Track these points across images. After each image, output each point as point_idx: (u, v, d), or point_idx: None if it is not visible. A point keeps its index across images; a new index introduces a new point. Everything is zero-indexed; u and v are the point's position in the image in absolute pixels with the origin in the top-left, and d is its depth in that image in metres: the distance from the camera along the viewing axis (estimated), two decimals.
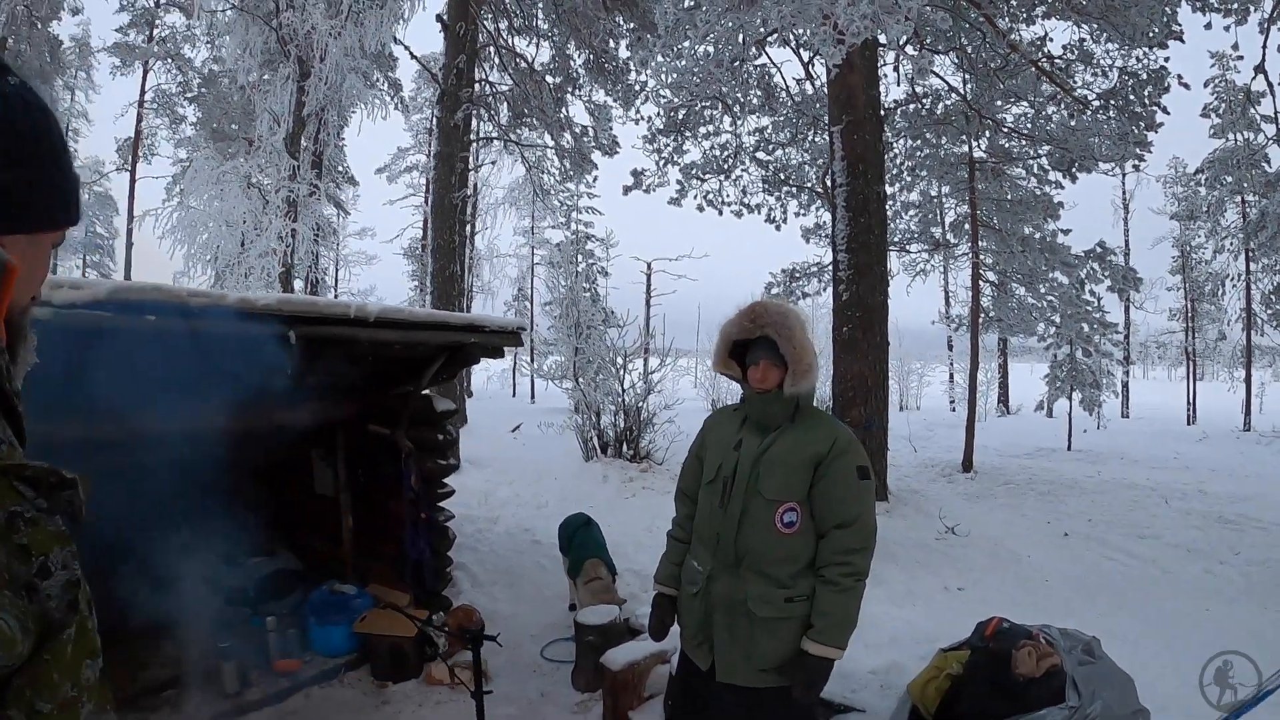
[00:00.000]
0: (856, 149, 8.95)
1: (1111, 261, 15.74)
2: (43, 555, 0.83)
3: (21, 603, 0.80)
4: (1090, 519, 9.40)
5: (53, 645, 0.84)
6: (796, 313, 2.93)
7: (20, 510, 0.81)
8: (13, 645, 0.75)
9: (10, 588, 0.78)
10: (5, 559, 0.79)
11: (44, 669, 0.82)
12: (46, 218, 1.00)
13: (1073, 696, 2.92)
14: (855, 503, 2.81)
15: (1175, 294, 28.90)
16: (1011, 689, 3.05)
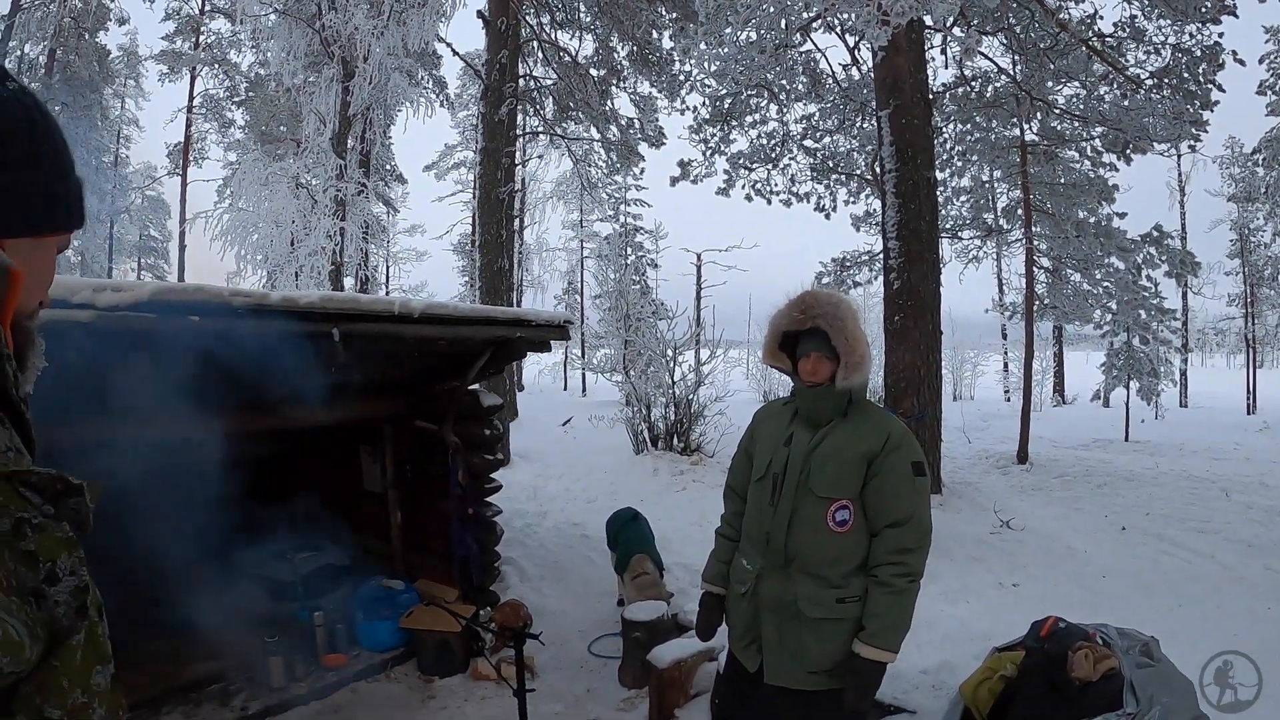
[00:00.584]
0: (905, 134, 8.77)
1: (1169, 245, 15.24)
2: (50, 561, 0.83)
3: (29, 609, 0.79)
4: (1148, 513, 9.15)
5: (61, 652, 0.84)
6: (848, 303, 2.86)
7: (27, 517, 0.81)
8: (20, 651, 0.75)
9: (17, 594, 0.78)
10: (12, 565, 0.79)
11: (53, 675, 0.82)
12: (47, 221, 1.01)
13: (1130, 702, 2.82)
14: (909, 500, 2.73)
15: (1234, 279, 27.99)
16: (1067, 692, 2.96)
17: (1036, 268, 15.45)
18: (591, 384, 29.96)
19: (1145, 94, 11.90)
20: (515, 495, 6.62)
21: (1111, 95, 12.60)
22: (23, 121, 0.97)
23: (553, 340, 5.65)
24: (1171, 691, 2.94)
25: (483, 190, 14.15)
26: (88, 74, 24.07)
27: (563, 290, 33.41)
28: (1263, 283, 26.79)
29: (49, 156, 1.00)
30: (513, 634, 3.23)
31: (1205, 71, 11.46)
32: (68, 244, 1.12)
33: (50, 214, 1.01)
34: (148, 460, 4.51)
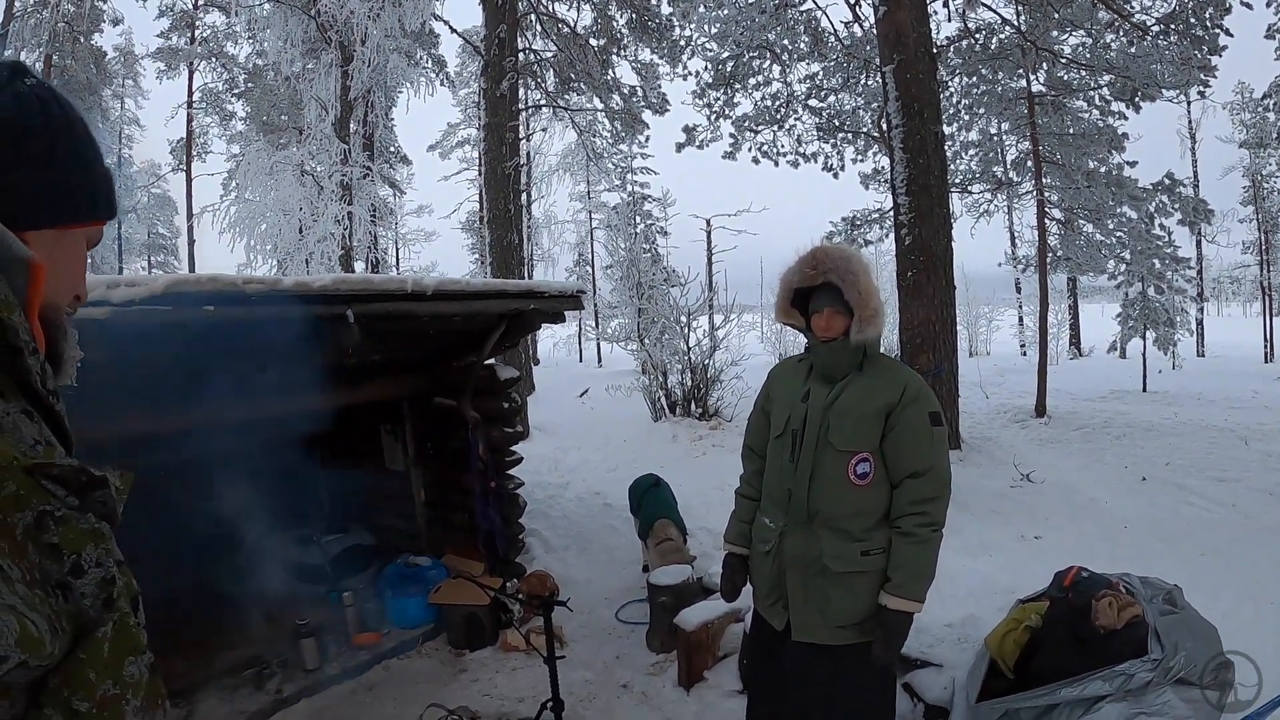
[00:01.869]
0: (910, 88, 8.66)
1: (1181, 193, 15.04)
2: (75, 554, 0.83)
3: (53, 602, 0.79)
4: (1168, 463, 9.06)
5: (88, 644, 0.83)
6: (859, 256, 2.85)
7: (50, 509, 0.81)
8: (40, 646, 0.74)
9: (41, 587, 0.78)
10: (36, 558, 0.78)
11: (79, 668, 0.81)
12: (69, 212, 1.02)
13: (1155, 648, 2.83)
14: (928, 451, 2.75)
15: (1248, 226, 27.54)
16: (1092, 641, 2.98)
17: (1048, 219, 15.30)
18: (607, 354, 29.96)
19: (1152, 40, 11.69)
20: (536, 467, 6.66)
21: (1118, 43, 12.38)
22: (39, 115, 0.98)
23: (566, 310, 5.65)
24: (1195, 637, 2.95)
25: (488, 166, 14.12)
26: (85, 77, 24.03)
27: (573, 262, 33.33)
28: (1277, 229, 26.43)
29: (68, 148, 1.01)
30: (541, 602, 3.26)
31: (1212, 16, 11.23)
32: (99, 236, 1.12)
33: (72, 205, 1.02)
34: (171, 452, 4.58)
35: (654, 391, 12.60)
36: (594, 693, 4.30)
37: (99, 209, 1.07)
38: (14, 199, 0.96)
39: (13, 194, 0.96)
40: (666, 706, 4.15)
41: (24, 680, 0.76)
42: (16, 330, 0.87)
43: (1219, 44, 11.47)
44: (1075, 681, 2.81)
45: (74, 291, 1.07)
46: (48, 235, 1.00)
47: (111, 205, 1.09)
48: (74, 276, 1.06)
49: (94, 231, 1.10)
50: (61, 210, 1.01)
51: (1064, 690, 2.82)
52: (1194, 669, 2.82)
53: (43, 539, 0.80)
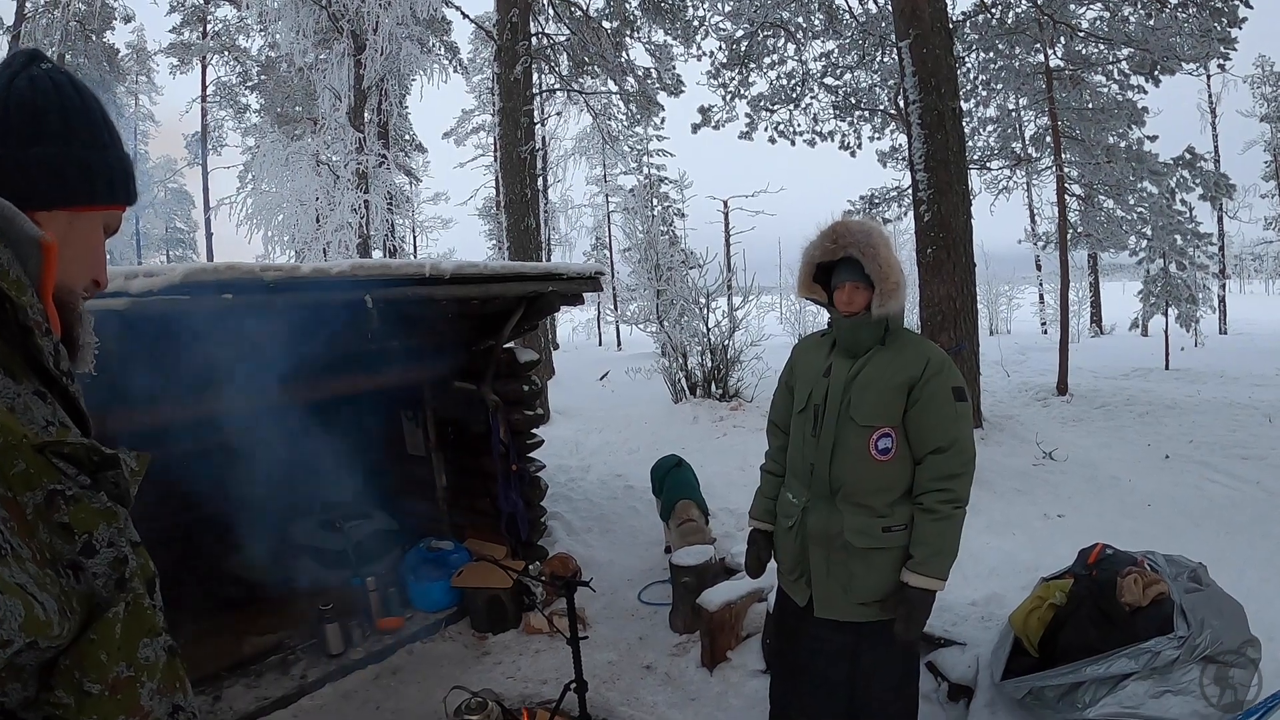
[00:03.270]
0: (926, 63, 8.57)
1: (1202, 168, 14.87)
2: (87, 533, 0.82)
3: (64, 582, 0.79)
4: (1191, 440, 9.05)
5: (99, 625, 0.82)
6: (880, 229, 2.83)
7: (61, 488, 0.80)
8: (47, 628, 0.73)
9: (52, 566, 0.77)
10: (47, 538, 0.78)
11: (91, 649, 0.81)
12: (82, 194, 1.01)
13: (1181, 626, 2.80)
14: (952, 426, 2.73)
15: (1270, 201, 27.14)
16: (1117, 618, 2.95)
17: (1068, 195, 15.16)
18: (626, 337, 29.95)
19: (1171, 12, 11.54)
20: (557, 450, 6.67)
21: (1136, 15, 12.24)
22: (53, 97, 0.99)
23: (584, 291, 5.63)
24: (1221, 615, 2.92)
25: (504, 151, 14.11)
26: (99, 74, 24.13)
27: (591, 246, 33.32)
28: None
29: (83, 130, 1.01)
30: (564, 583, 3.27)
31: None
32: (118, 222, 1.11)
33: (86, 186, 1.01)
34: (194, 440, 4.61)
35: (674, 373, 12.60)
36: (617, 674, 4.32)
37: (115, 193, 1.06)
38: (26, 178, 0.96)
39: (25, 173, 0.96)
40: (690, 687, 4.16)
41: (35, 661, 0.76)
42: (27, 310, 0.87)
43: (1238, 15, 11.35)
44: (1101, 659, 2.80)
45: (90, 275, 1.06)
46: (60, 216, 0.99)
47: (129, 191, 1.09)
48: (89, 260, 1.05)
49: (111, 216, 1.09)
50: (74, 191, 1.01)
51: (1089, 668, 2.80)
52: (1220, 646, 2.79)
53: (54, 518, 0.79)
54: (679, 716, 3.87)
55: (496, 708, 3.48)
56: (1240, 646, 2.85)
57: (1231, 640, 2.83)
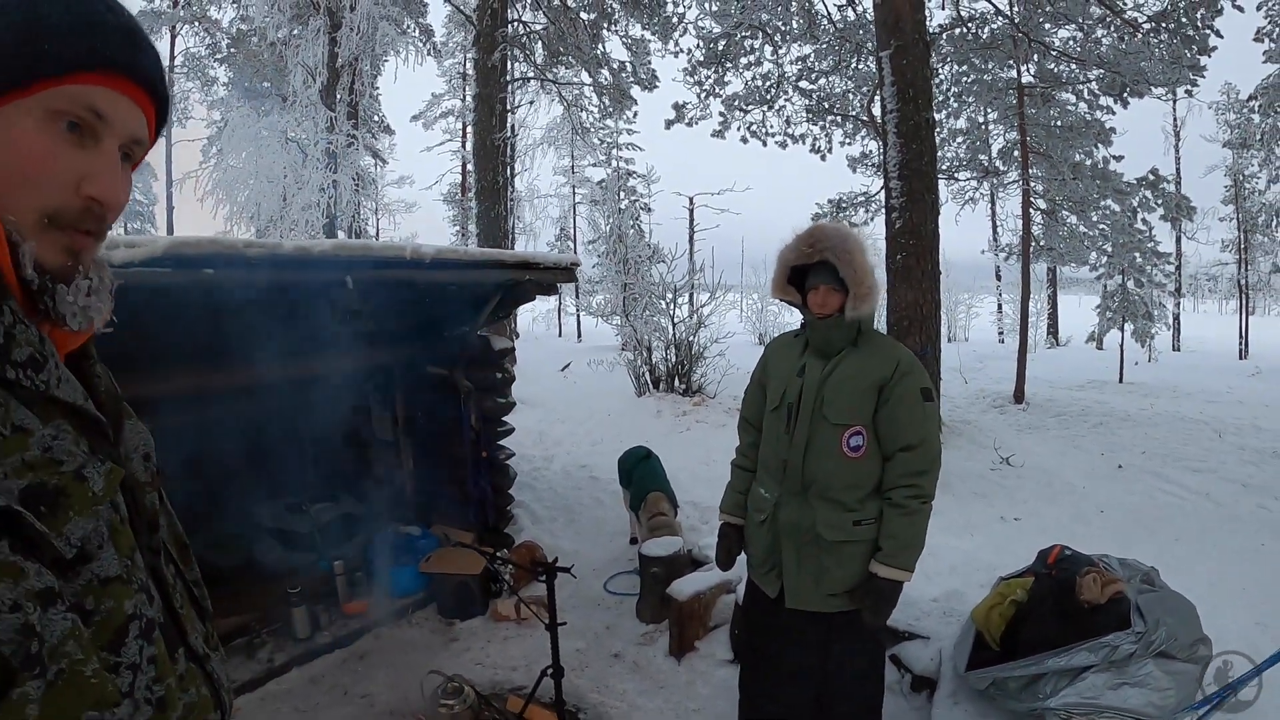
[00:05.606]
0: (906, 74, 8.69)
1: (1164, 190, 15.25)
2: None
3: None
4: (1144, 451, 9.26)
5: (4, 707, 0.65)
6: (856, 235, 2.89)
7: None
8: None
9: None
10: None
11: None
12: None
13: (1138, 623, 2.91)
14: (920, 425, 2.82)
15: (1228, 224, 27.79)
16: (1076, 615, 3.05)
17: (1033, 209, 15.45)
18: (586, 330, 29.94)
19: (1143, 37, 11.80)
20: (521, 440, 6.67)
21: (1109, 38, 12.51)
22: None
23: (559, 282, 5.66)
24: (1175, 614, 3.04)
25: (477, 137, 14.08)
26: None
27: (555, 236, 33.18)
28: (1256, 229, 26.63)
29: None
30: (544, 568, 3.30)
31: (1204, 16, 11.36)
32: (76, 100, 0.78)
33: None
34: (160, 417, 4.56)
35: (638, 367, 12.67)
36: (586, 662, 4.36)
37: (44, 60, 0.76)
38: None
39: None
40: (658, 675, 4.22)
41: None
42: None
43: (1209, 44, 11.61)
44: (1061, 652, 2.90)
45: (34, 194, 0.77)
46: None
47: (59, 54, 0.76)
48: (23, 169, 0.76)
49: (47, 98, 0.76)
50: None
51: (1051, 660, 2.90)
52: (1174, 643, 2.90)
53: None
54: (649, 704, 3.92)
55: (472, 693, 3.50)
56: (1193, 644, 2.97)
57: (1185, 637, 2.95)
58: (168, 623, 0.87)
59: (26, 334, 0.74)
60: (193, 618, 0.94)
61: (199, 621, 0.96)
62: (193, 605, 0.96)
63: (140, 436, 0.93)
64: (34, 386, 0.74)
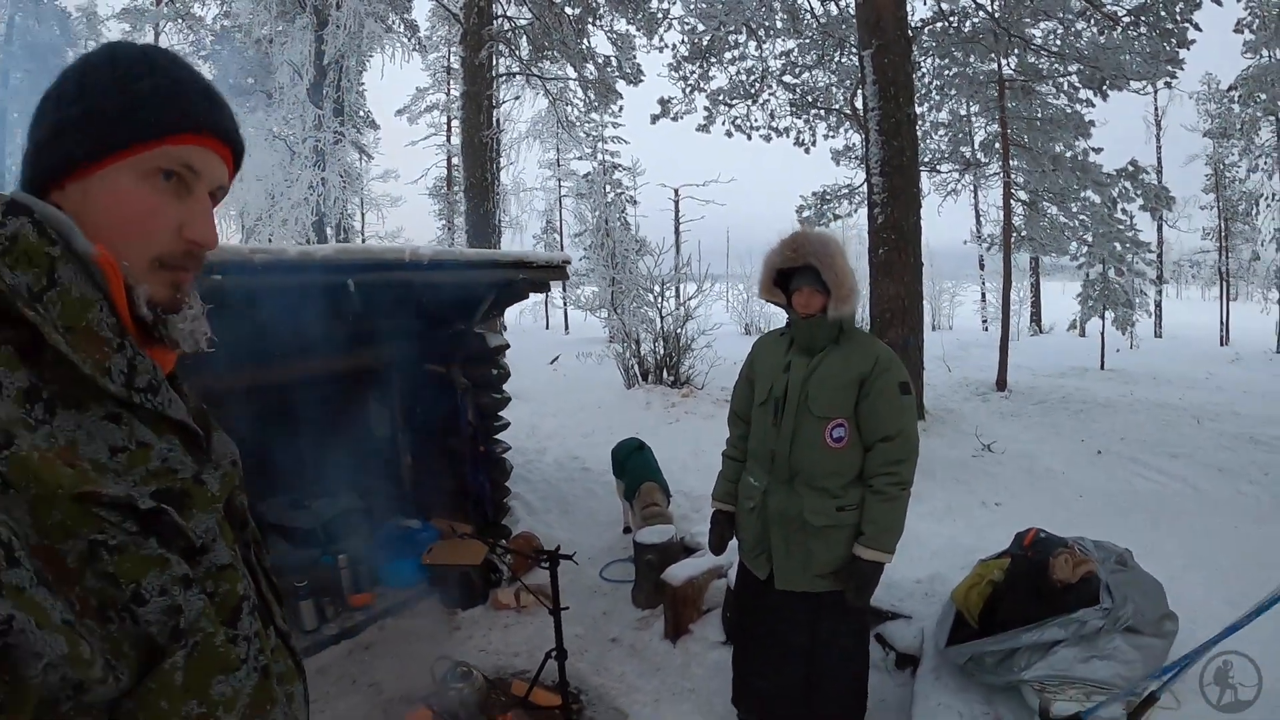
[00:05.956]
0: (887, 72, 8.86)
1: (1144, 180, 15.45)
2: (134, 582, 0.78)
3: (112, 628, 0.76)
4: (1123, 438, 9.43)
5: (156, 674, 0.79)
6: (836, 240, 3.09)
7: (103, 538, 0.76)
8: (87, 669, 0.71)
9: (97, 615, 0.75)
10: (95, 584, 0.75)
11: (149, 697, 0.79)
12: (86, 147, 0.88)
13: (1106, 600, 3.10)
14: (898, 417, 3.02)
15: (1209, 213, 27.99)
16: (1049, 594, 3.23)
17: (1014, 201, 15.65)
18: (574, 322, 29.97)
19: (1123, 31, 11.96)
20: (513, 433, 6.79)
21: (1089, 32, 12.66)
22: (77, 65, 0.93)
23: (552, 280, 5.79)
24: (1143, 592, 3.23)
25: (466, 135, 14.15)
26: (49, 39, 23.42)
27: (541, 229, 33.15)
28: (1236, 217, 26.90)
29: (102, 77, 0.91)
30: (548, 556, 3.48)
31: (1182, 10, 11.48)
32: (175, 159, 0.92)
33: (89, 136, 0.88)
34: None
35: (627, 359, 12.77)
36: (585, 646, 4.53)
37: (140, 127, 0.89)
38: (29, 163, 0.91)
39: (29, 161, 0.91)
40: (655, 658, 4.39)
41: (100, 700, 0.75)
42: (63, 342, 0.81)
43: (1188, 38, 11.72)
44: (1034, 628, 3.08)
45: (155, 246, 0.91)
46: (71, 190, 0.89)
47: (175, 117, 0.91)
48: (140, 224, 0.90)
49: (148, 158, 0.90)
50: (68, 153, 0.88)
51: (1025, 636, 3.09)
52: (1141, 619, 3.10)
53: (99, 567, 0.76)
54: (646, 684, 4.10)
55: (480, 677, 3.68)
56: (1159, 620, 3.16)
57: (1152, 614, 3.14)
58: (259, 604, 1.01)
59: (144, 363, 0.88)
60: (273, 600, 1.10)
61: (276, 604, 1.11)
62: (271, 590, 1.11)
63: (226, 446, 1.06)
64: (152, 408, 0.88)
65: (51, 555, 0.72)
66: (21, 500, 0.70)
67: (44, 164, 0.89)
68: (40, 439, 0.75)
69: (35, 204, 0.85)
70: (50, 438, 0.76)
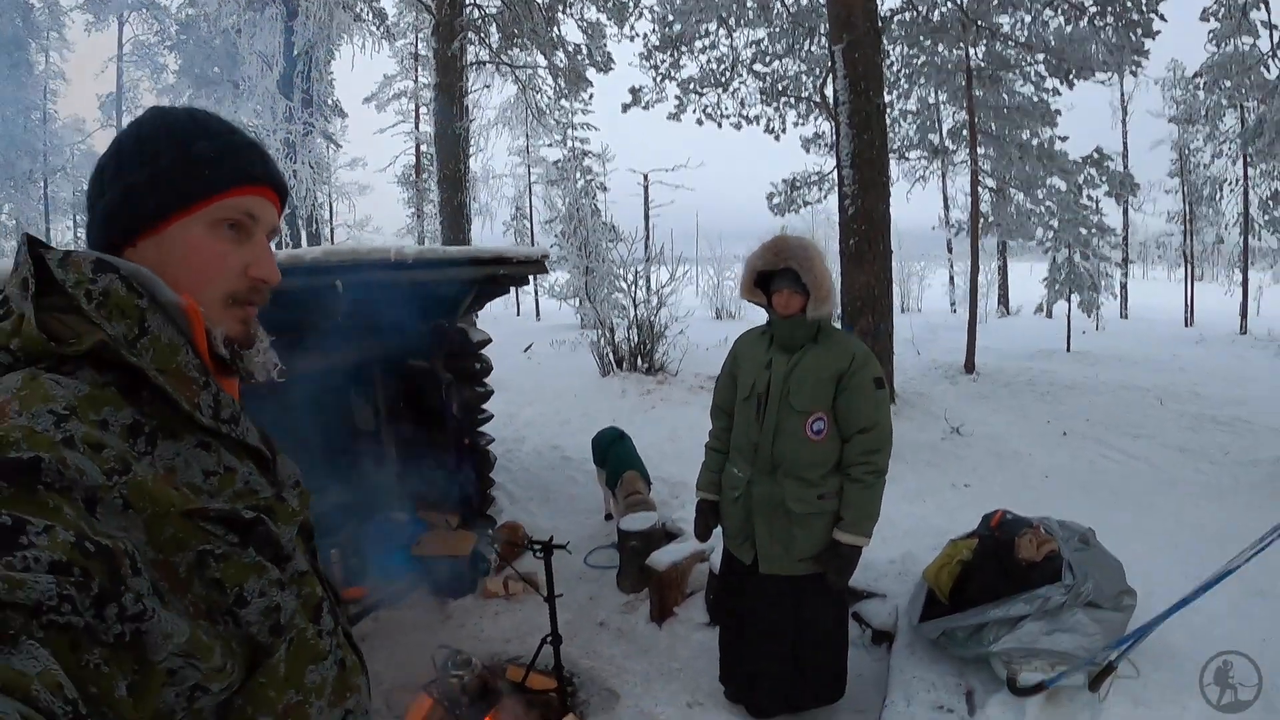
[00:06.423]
0: (858, 67, 8.97)
1: (1109, 167, 15.76)
2: (238, 586, 0.88)
3: (220, 628, 0.86)
4: (1088, 419, 9.64)
5: (263, 670, 0.91)
6: (815, 245, 3.29)
7: (210, 548, 0.86)
8: (223, 677, 0.83)
9: (207, 617, 0.85)
10: (203, 591, 0.85)
11: (259, 689, 0.90)
12: (147, 212, 0.99)
13: (1068, 576, 3.30)
14: (874, 410, 3.24)
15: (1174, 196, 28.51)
16: (1015, 572, 3.44)
17: (981, 188, 15.88)
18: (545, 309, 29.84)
19: (1089, 21, 12.15)
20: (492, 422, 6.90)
21: (1056, 22, 12.86)
22: (131, 131, 1.03)
23: (531, 274, 5.92)
24: (1103, 569, 3.44)
25: (438, 126, 14.11)
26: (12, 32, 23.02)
27: (511, 216, 33.01)
28: (1201, 201, 27.39)
29: (131, 154, 1.00)
30: (543, 546, 3.64)
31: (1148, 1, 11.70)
32: (235, 210, 1.03)
33: (154, 199, 0.98)
34: None
35: (602, 347, 12.80)
36: (574, 631, 4.66)
37: (197, 188, 1.00)
38: (103, 224, 1.00)
39: (100, 223, 1.00)
40: (642, 640, 4.56)
41: (211, 704, 0.84)
42: (167, 385, 0.90)
43: (1153, 28, 11.92)
44: (1001, 604, 3.29)
45: (223, 285, 1.02)
46: (144, 246, 0.99)
47: (228, 174, 1.02)
48: (211, 268, 1.01)
49: (214, 210, 1.01)
50: (134, 216, 0.99)
51: (992, 611, 3.29)
52: (1101, 594, 3.30)
53: (206, 574, 0.85)
54: (635, 666, 4.26)
55: (479, 663, 3.83)
56: (1118, 595, 3.37)
57: (1111, 589, 3.35)
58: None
59: (225, 397, 0.99)
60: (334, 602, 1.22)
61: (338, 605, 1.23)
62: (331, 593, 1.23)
63: (290, 468, 1.17)
64: (236, 437, 0.99)
65: (166, 567, 0.82)
66: (139, 520, 0.80)
67: (117, 225, 0.99)
68: (144, 467, 0.84)
69: (119, 262, 0.95)
70: (152, 466, 0.86)
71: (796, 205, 17.45)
